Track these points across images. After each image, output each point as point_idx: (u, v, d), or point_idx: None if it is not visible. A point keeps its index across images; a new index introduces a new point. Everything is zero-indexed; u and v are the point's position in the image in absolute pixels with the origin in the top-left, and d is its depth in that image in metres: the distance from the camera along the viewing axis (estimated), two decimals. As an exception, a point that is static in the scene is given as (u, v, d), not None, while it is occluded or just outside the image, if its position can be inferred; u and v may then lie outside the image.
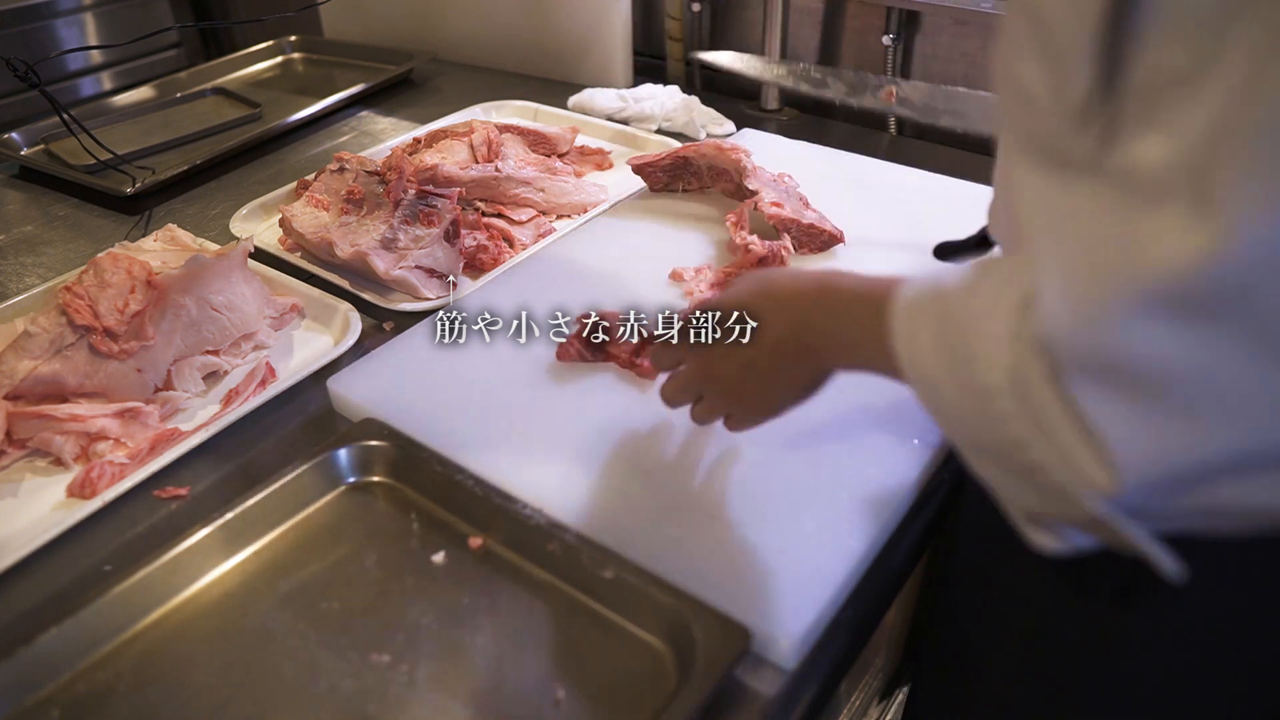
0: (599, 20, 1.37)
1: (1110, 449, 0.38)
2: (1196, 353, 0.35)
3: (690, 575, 0.60)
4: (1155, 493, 0.39)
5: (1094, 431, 0.38)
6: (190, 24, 2.06)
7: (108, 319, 0.77)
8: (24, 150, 1.29)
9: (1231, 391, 0.36)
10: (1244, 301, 0.34)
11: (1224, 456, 0.37)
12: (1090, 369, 0.37)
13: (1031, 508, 0.45)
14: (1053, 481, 0.41)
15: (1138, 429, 0.37)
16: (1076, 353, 0.38)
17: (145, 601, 0.62)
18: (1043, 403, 0.39)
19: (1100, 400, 0.38)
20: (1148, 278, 0.34)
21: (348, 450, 0.71)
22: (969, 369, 0.43)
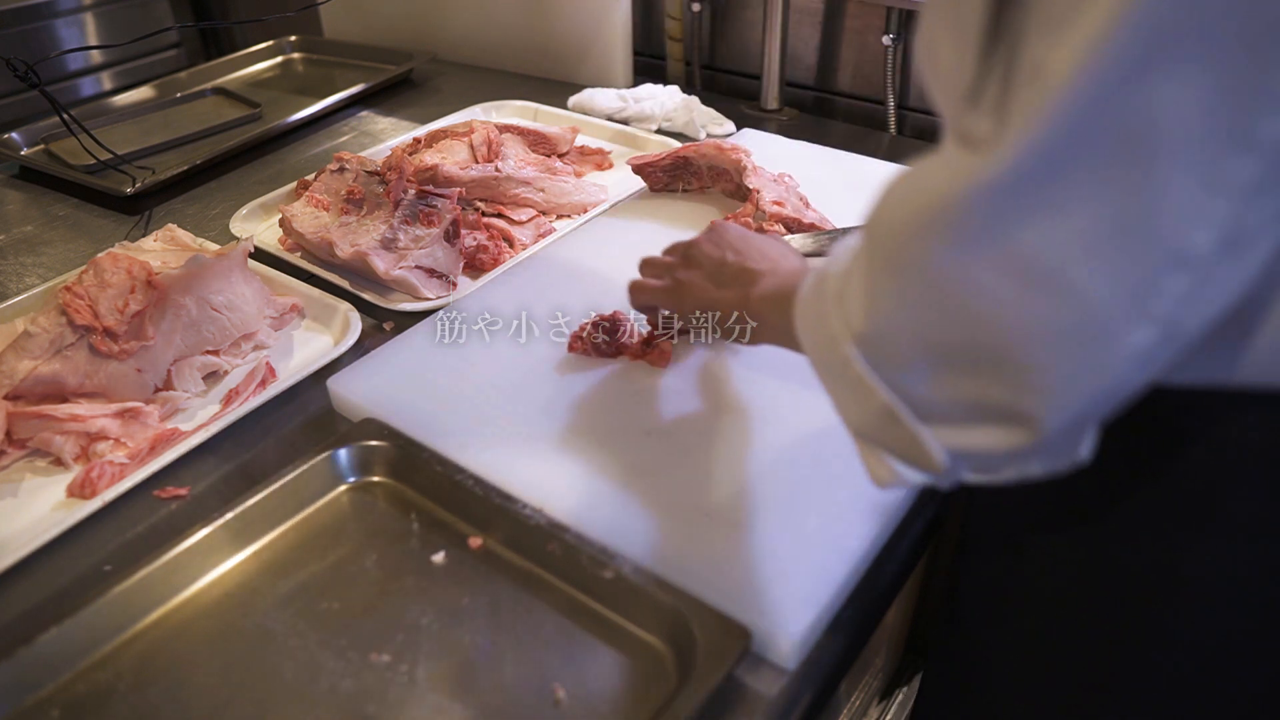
0: (599, 20, 1.37)
1: (871, 297, 0.45)
2: (953, 263, 0.40)
3: (690, 575, 0.60)
4: (904, 355, 0.44)
5: (870, 288, 0.45)
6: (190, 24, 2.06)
7: (108, 319, 0.77)
8: (24, 150, 1.29)
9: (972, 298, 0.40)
10: (995, 231, 0.38)
11: (956, 339, 0.42)
12: (884, 261, 0.44)
13: (847, 414, 0.49)
14: (845, 359, 0.46)
15: (893, 296, 0.43)
16: (877, 247, 0.44)
17: (145, 601, 0.62)
18: (850, 275, 0.47)
19: (881, 271, 0.44)
20: (928, 200, 0.40)
21: (348, 450, 0.71)
22: (822, 287, 0.50)
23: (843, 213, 0.97)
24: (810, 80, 1.41)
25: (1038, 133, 0.35)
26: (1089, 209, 0.36)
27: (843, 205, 1.00)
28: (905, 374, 0.44)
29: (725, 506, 0.66)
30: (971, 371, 0.42)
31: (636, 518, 0.65)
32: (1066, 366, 0.39)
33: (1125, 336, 0.38)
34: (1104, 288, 0.37)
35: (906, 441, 0.46)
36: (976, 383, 0.42)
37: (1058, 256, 0.37)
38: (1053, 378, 0.40)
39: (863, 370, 0.45)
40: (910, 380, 0.44)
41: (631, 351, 0.79)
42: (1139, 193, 0.36)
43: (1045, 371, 0.40)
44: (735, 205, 1.04)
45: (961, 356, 0.42)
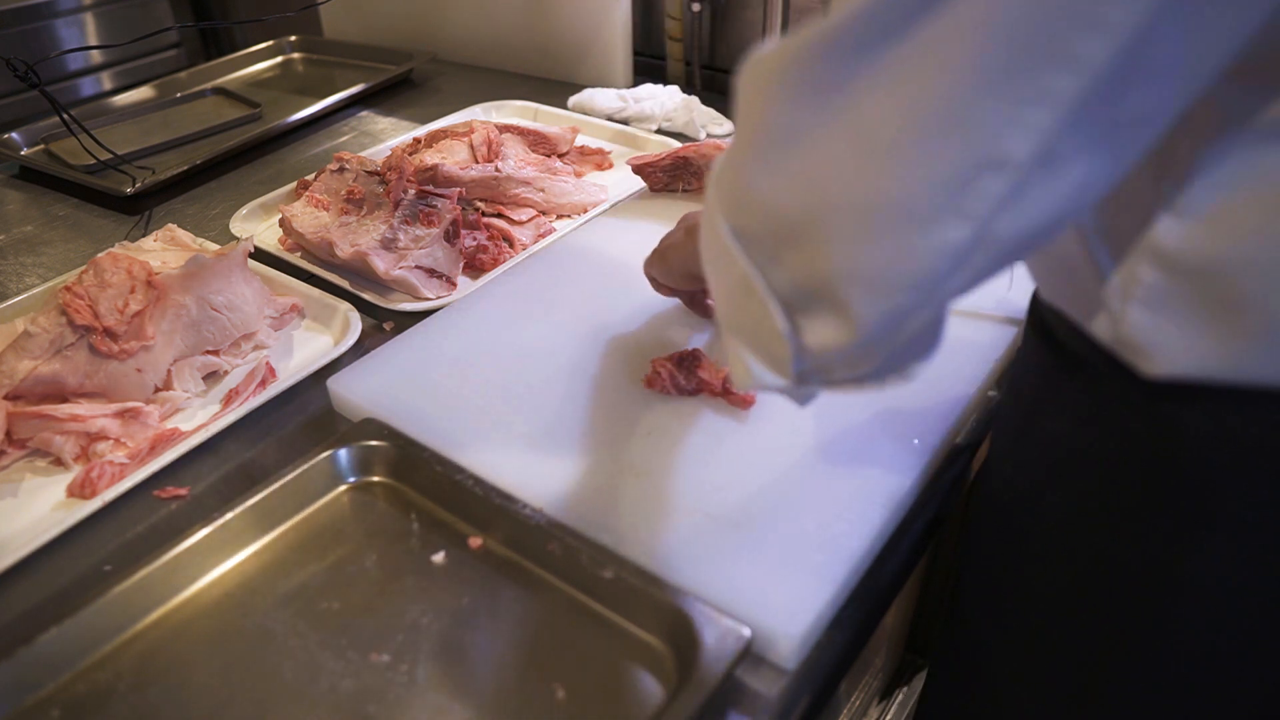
0: (599, 20, 1.37)
1: (741, 171, 0.45)
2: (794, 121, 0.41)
3: (690, 575, 0.60)
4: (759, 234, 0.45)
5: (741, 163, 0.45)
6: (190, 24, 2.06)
7: (108, 319, 0.77)
8: (24, 150, 1.29)
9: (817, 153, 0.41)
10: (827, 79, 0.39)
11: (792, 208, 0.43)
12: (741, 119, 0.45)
13: (719, 306, 0.50)
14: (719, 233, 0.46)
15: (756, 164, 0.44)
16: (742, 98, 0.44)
17: (145, 601, 0.62)
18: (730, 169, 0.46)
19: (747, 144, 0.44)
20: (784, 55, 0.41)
21: (348, 450, 0.71)
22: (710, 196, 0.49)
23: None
24: (810, 80, 1.41)
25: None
26: (917, 88, 0.37)
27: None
28: (760, 250, 0.45)
29: (725, 506, 0.66)
30: (804, 247, 0.43)
31: (637, 518, 0.65)
32: (878, 249, 0.41)
33: (937, 228, 0.39)
34: (921, 172, 0.38)
35: (759, 318, 0.46)
36: (806, 260, 0.43)
37: (887, 130, 0.38)
38: (864, 258, 0.41)
39: (725, 237, 0.46)
40: (763, 257, 0.45)
41: (711, 389, 0.76)
42: (963, 84, 0.37)
43: (858, 251, 0.41)
44: (735, 205, 1.04)
45: (797, 229, 0.43)
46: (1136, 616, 0.57)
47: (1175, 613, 0.55)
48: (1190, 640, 0.55)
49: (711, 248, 0.49)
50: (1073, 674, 0.62)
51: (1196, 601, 0.54)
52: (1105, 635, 0.59)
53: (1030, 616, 0.65)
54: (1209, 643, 0.55)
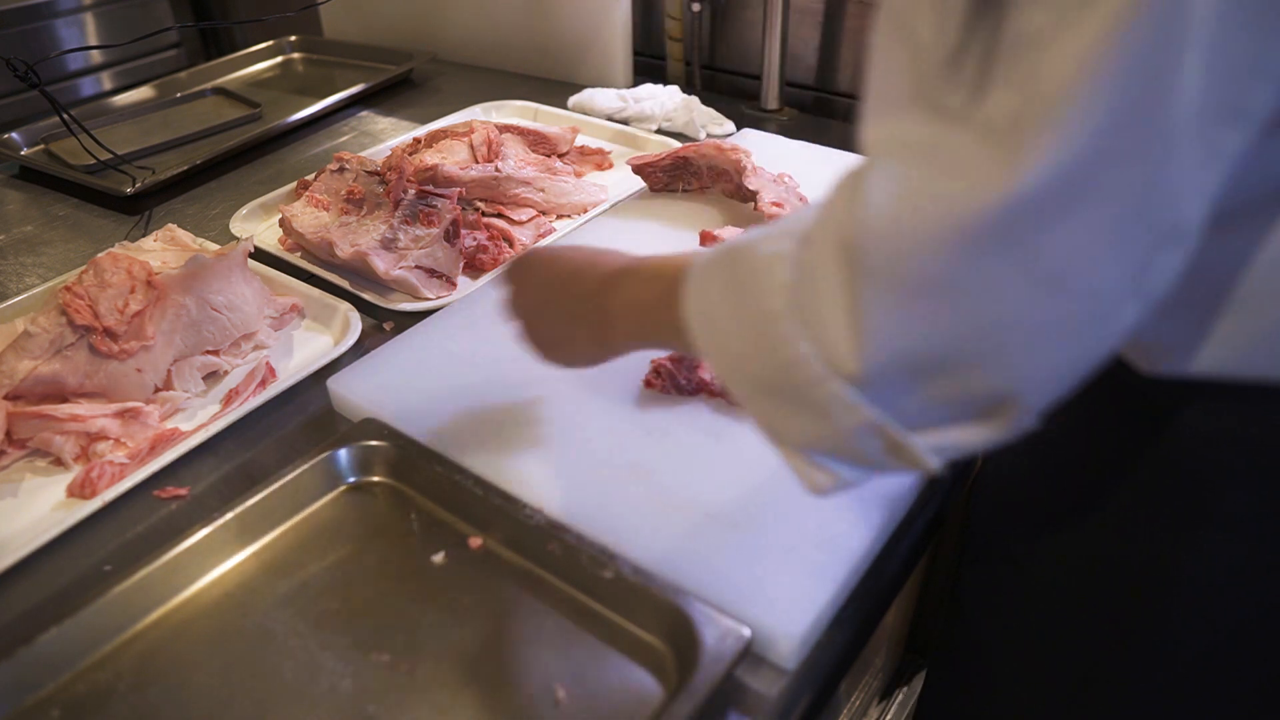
0: (599, 20, 1.37)
1: (863, 331, 0.41)
2: (974, 279, 0.38)
3: (690, 575, 0.60)
4: (894, 379, 0.41)
5: (859, 318, 0.41)
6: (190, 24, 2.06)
7: (108, 319, 0.77)
8: (24, 150, 1.29)
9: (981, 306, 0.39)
10: (1024, 241, 0.37)
11: (953, 348, 0.40)
12: (882, 277, 0.40)
13: (803, 435, 0.46)
14: (811, 379, 0.43)
15: (892, 319, 0.40)
16: (875, 263, 0.40)
17: (145, 601, 0.62)
18: (820, 296, 0.42)
19: (876, 296, 0.40)
20: (945, 211, 0.38)
21: (348, 450, 0.71)
22: (753, 298, 0.44)
23: (843, 213, 0.97)
24: (810, 80, 1.41)
25: (1056, 131, 0.35)
26: (1105, 206, 0.36)
27: (843, 205, 1.00)
28: (892, 392, 0.42)
29: (725, 506, 0.66)
30: (957, 374, 0.41)
31: (637, 518, 0.65)
32: (1060, 354, 0.39)
33: (1121, 318, 0.38)
34: (1110, 278, 0.37)
35: (883, 451, 0.44)
36: (959, 385, 0.41)
37: (1072, 255, 0.37)
38: (1043, 367, 0.40)
39: (847, 398, 0.42)
40: (898, 397, 0.42)
41: (711, 391, 0.75)
42: (1149, 181, 0.35)
43: (1036, 363, 0.39)
44: (735, 205, 1.04)
45: (952, 362, 0.41)
46: (1135, 613, 0.57)
47: (1173, 609, 0.55)
48: (1188, 636, 0.56)
49: (784, 389, 0.45)
50: (1071, 671, 0.62)
51: (1194, 598, 0.54)
52: (1103, 632, 0.59)
53: (1029, 614, 0.65)
54: (1206, 639, 0.55)
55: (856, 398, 0.42)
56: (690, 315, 0.49)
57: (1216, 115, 0.35)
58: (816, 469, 0.47)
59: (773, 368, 0.44)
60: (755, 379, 0.46)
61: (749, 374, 0.46)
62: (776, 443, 0.48)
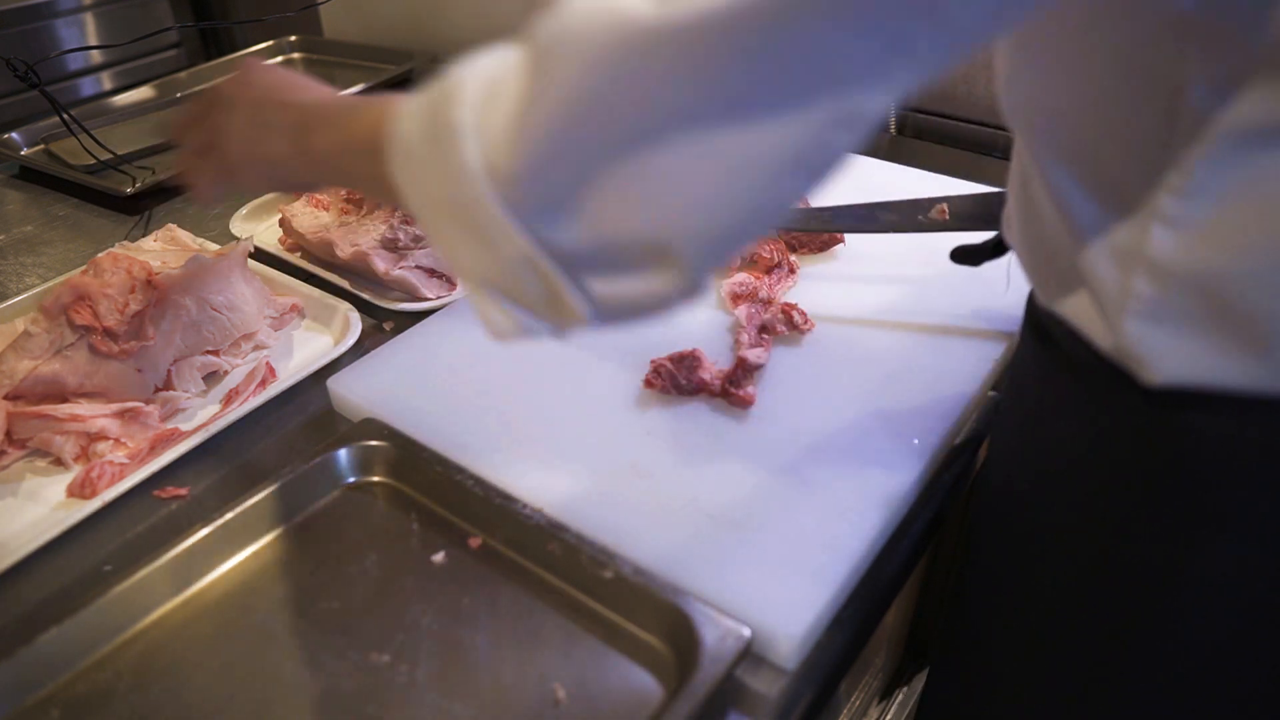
0: (599, 20, 1.37)
1: (520, 128, 0.40)
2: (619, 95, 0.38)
3: (690, 575, 0.60)
4: (548, 197, 0.41)
5: (520, 115, 0.41)
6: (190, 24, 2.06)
7: (108, 319, 0.77)
8: (24, 150, 1.29)
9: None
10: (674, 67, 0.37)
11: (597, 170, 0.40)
12: (547, 74, 0.40)
13: (475, 265, 0.45)
14: (476, 194, 0.42)
15: (544, 120, 0.40)
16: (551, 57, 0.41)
17: (145, 601, 0.62)
18: (499, 95, 0.41)
19: (539, 94, 0.40)
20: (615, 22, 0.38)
21: (348, 450, 0.71)
22: (442, 114, 0.43)
23: (843, 213, 0.97)
24: (810, 80, 1.41)
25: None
26: (782, 47, 0.36)
27: (843, 205, 1.00)
28: (551, 218, 0.41)
29: (725, 506, 0.66)
30: (605, 204, 0.40)
31: (637, 518, 0.65)
32: (711, 208, 0.40)
33: (780, 188, 0.39)
34: (777, 135, 0.38)
35: (543, 293, 0.44)
36: (609, 219, 0.41)
37: (747, 92, 0.37)
38: (691, 218, 0.40)
39: (499, 213, 0.42)
40: (555, 225, 0.42)
41: (712, 391, 0.75)
42: (813, 45, 0.36)
43: (682, 211, 0.40)
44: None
45: (597, 186, 0.40)
46: (1137, 617, 0.57)
47: (1176, 613, 0.55)
48: (1191, 641, 0.55)
49: (452, 210, 0.44)
50: (1074, 674, 0.62)
51: (1196, 602, 0.54)
52: (1106, 635, 0.59)
53: (1031, 616, 0.65)
54: (1209, 643, 0.55)
55: (509, 215, 0.41)
56: (397, 142, 0.47)
57: (909, 7, 0.35)
58: (496, 309, 0.46)
59: (449, 184, 0.43)
60: (437, 201, 0.45)
61: (433, 196, 0.45)
62: (460, 276, 0.47)
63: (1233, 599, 0.53)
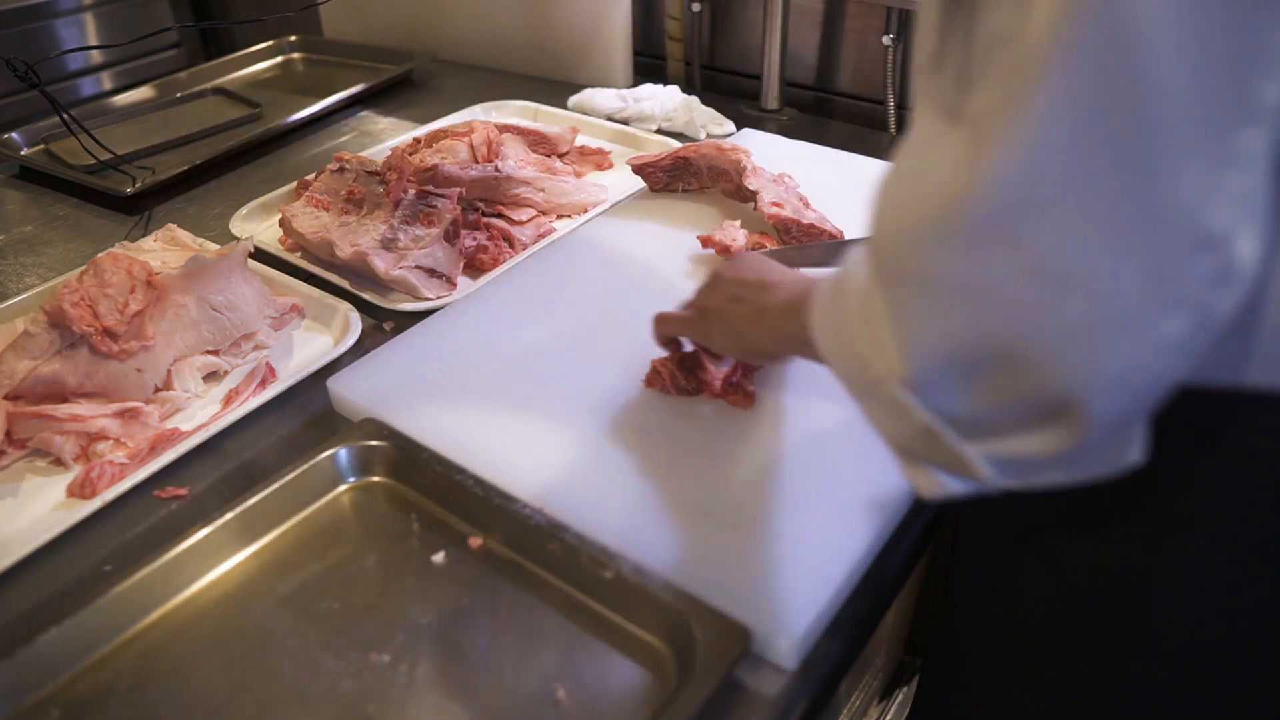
0: (599, 20, 1.37)
1: (906, 336, 0.43)
2: (966, 269, 0.39)
3: (690, 575, 0.60)
4: (941, 380, 0.43)
5: (895, 321, 0.43)
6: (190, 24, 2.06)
7: (108, 319, 0.77)
8: (24, 150, 1.29)
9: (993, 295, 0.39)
10: (1007, 232, 0.37)
11: (986, 345, 0.40)
12: (897, 278, 0.43)
13: (891, 433, 0.48)
14: (877, 378, 0.45)
15: (926, 321, 0.42)
16: (888, 264, 0.43)
17: (145, 601, 0.62)
18: (870, 299, 0.45)
19: (902, 297, 0.43)
20: (930, 207, 0.39)
21: (348, 450, 0.71)
22: (840, 303, 0.49)
23: (842, 213, 0.97)
24: (810, 80, 1.41)
25: (1025, 120, 0.35)
26: (1097, 196, 0.35)
27: (842, 205, 1.00)
28: (942, 393, 0.43)
29: (725, 506, 0.66)
30: (1008, 375, 0.40)
31: (637, 517, 0.65)
32: (1101, 361, 0.38)
33: (1157, 326, 0.37)
34: (1126, 278, 0.36)
35: (949, 458, 0.45)
36: (1013, 386, 0.40)
37: (1072, 250, 0.36)
38: (1087, 372, 0.39)
39: (898, 394, 0.44)
40: (948, 398, 0.43)
41: (712, 390, 0.76)
42: (1148, 174, 0.34)
43: (1079, 367, 0.38)
44: (735, 205, 1.04)
45: (995, 362, 0.40)
46: (1119, 618, 0.57)
47: (1155, 616, 0.55)
48: (1171, 642, 0.55)
49: (864, 386, 0.47)
50: (1059, 675, 0.62)
51: (1176, 605, 0.54)
52: (1089, 637, 0.59)
53: (1016, 618, 0.65)
54: (1189, 644, 0.55)
55: (909, 398, 0.43)
56: (813, 322, 0.53)
57: (1223, 110, 0.34)
58: (918, 470, 0.48)
59: (856, 367, 0.47)
60: (849, 377, 0.49)
61: (845, 372, 0.50)
62: (883, 441, 0.50)
63: (1212, 605, 0.53)
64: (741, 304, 0.67)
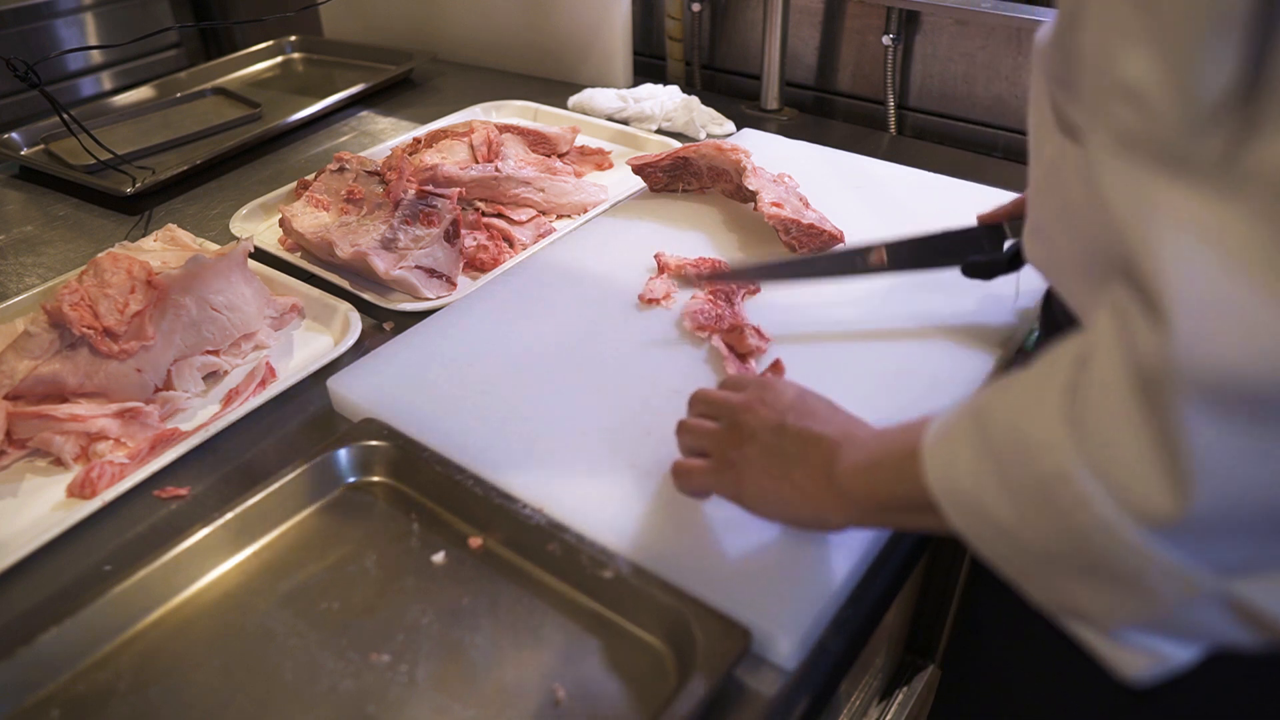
0: (599, 20, 1.37)
1: (1183, 467, 0.34)
2: None
3: (690, 575, 0.60)
4: (1225, 527, 0.35)
5: (1175, 450, 0.34)
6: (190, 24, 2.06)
7: (108, 319, 0.77)
8: (24, 150, 1.29)
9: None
10: None
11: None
12: (1217, 392, 0.33)
13: (1113, 613, 0.40)
14: (1115, 541, 0.37)
15: (1225, 447, 0.34)
16: (1212, 374, 0.33)
17: (145, 601, 0.62)
18: (1117, 435, 0.35)
19: (1207, 422, 0.34)
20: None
21: (348, 450, 0.71)
22: (1022, 465, 0.39)
23: (842, 213, 0.97)
24: (810, 80, 1.41)
25: None
26: None
27: (843, 205, 1.00)
28: (1227, 546, 0.36)
29: (726, 506, 0.65)
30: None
31: (636, 518, 0.65)
32: None
33: None
34: None
35: (1231, 617, 0.37)
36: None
37: None
38: None
39: (1152, 552, 0.36)
40: (1230, 550, 0.36)
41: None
42: None
43: None
44: (735, 205, 1.04)
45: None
46: None
47: None
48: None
49: (1061, 557, 0.39)
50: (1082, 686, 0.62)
51: None
52: None
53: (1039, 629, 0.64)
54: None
55: (1178, 557, 0.36)
56: (938, 491, 0.43)
57: None
58: (1129, 650, 0.40)
59: (1060, 536, 0.38)
60: (1038, 554, 0.40)
61: (1028, 548, 0.41)
62: (1077, 625, 0.42)
63: None
64: (788, 464, 0.55)
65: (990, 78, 1.25)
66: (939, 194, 1.04)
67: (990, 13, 1.20)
